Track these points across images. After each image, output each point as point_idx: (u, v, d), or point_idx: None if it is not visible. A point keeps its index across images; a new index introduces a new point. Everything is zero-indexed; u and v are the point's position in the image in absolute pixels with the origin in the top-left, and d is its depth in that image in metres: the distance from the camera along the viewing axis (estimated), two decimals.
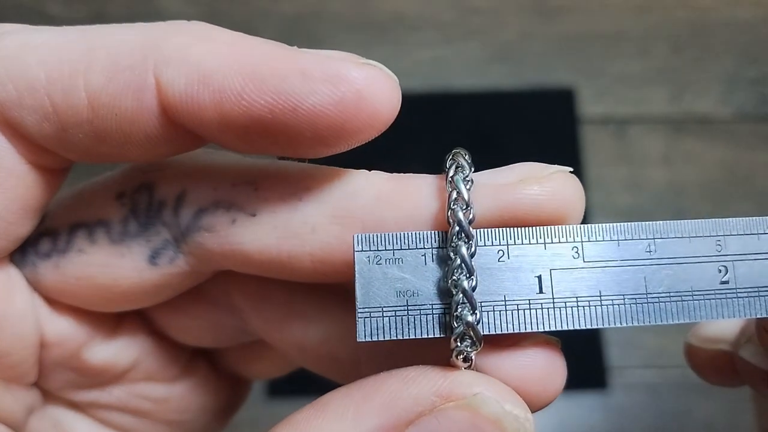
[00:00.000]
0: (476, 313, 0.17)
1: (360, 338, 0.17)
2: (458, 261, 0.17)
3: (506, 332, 0.17)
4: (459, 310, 0.17)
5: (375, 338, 0.17)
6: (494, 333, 0.17)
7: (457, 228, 0.17)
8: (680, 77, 0.70)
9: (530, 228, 0.18)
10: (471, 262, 0.17)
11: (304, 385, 0.27)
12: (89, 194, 0.20)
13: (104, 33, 0.17)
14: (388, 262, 0.17)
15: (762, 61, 0.71)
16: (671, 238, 0.18)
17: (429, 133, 0.68)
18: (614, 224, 0.18)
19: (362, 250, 0.17)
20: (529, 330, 0.17)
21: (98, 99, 0.16)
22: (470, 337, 0.17)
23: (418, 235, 0.17)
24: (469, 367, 0.17)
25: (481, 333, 0.17)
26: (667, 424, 0.61)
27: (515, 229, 0.18)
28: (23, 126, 0.17)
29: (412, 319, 0.17)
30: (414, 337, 0.17)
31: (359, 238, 0.17)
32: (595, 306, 0.17)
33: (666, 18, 0.73)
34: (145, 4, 0.72)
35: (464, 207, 0.17)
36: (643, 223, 0.18)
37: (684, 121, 0.69)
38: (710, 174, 0.67)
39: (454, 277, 0.17)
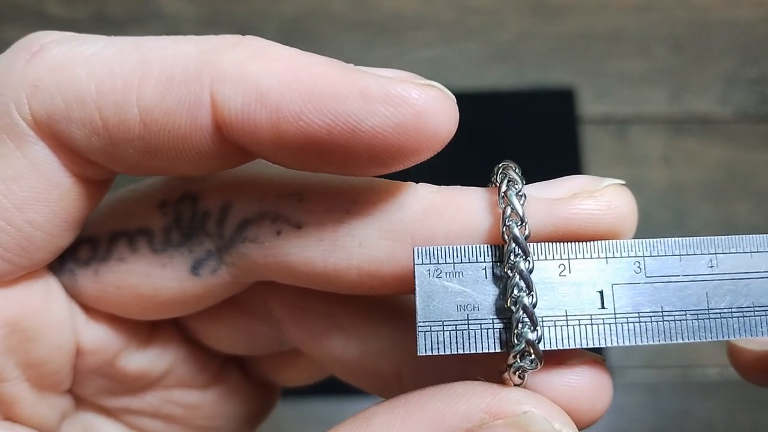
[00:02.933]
0: (537, 331, 0.17)
1: (420, 352, 0.17)
2: (517, 278, 0.17)
3: (568, 348, 0.17)
4: (520, 327, 0.17)
5: (435, 352, 0.17)
6: (556, 348, 0.17)
7: (513, 245, 0.17)
8: (680, 77, 0.71)
9: (592, 242, 0.18)
10: (530, 278, 0.17)
11: (313, 386, 0.27)
12: (131, 202, 0.20)
13: (157, 46, 0.16)
14: (448, 276, 0.17)
15: (762, 61, 0.71)
16: (733, 253, 0.18)
17: None
18: (676, 239, 0.18)
19: (422, 263, 0.17)
20: (591, 346, 0.17)
21: (151, 115, 0.16)
22: (530, 355, 0.17)
23: (477, 249, 0.17)
24: (520, 385, 0.17)
25: (541, 350, 0.17)
26: (667, 424, 0.61)
27: (576, 243, 0.17)
28: (71, 139, 0.17)
29: (473, 334, 0.17)
30: (474, 351, 0.17)
31: (419, 251, 0.17)
32: (657, 321, 0.17)
33: (666, 18, 0.73)
34: (144, 4, 0.72)
35: (519, 223, 0.17)
36: (705, 238, 0.18)
37: (684, 121, 0.69)
38: (710, 174, 0.67)
39: (513, 294, 0.17)
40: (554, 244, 0.17)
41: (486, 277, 0.17)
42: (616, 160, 0.68)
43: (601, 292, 0.17)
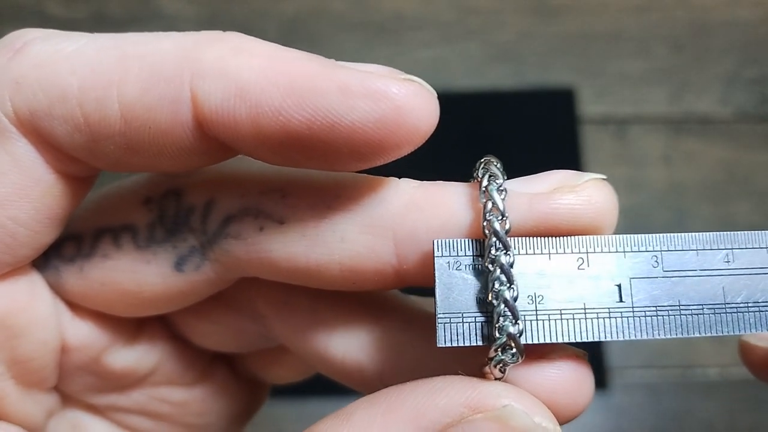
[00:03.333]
0: (519, 324, 0.17)
1: (440, 343, 0.17)
2: (498, 272, 0.17)
3: (587, 340, 0.17)
4: (501, 321, 0.17)
5: (455, 344, 0.17)
6: (575, 341, 0.17)
7: (494, 239, 0.17)
8: (680, 77, 0.71)
9: (610, 236, 0.18)
10: (511, 272, 0.17)
11: (307, 386, 0.27)
12: (115, 198, 0.20)
13: (138, 42, 0.17)
14: (467, 269, 0.17)
15: (762, 61, 0.71)
16: (749, 248, 0.18)
17: None
18: (694, 234, 0.18)
19: (442, 256, 0.17)
20: (609, 339, 0.17)
21: (132, 111, 0.16)
22: (512, 348, 0.17)
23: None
24: (501, 379, 0.17)
25: (523, 343, 0.17)
26: (667, 424, 0.61)
27: (595, 237, 0.18)
28: (53, 135, 0.17)
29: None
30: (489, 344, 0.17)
31: (439, 243, 0.17)
32: (674, 315, 0.17)
33: (666, 18, 0.73)
34: (144, 3, 0.72)
35: (500, 217, 0.17)
36: (722, 233, 0.18)
37: (684, 121, 0.69)
38: (710, 174, 0.67)
39: (495, 288, 0.17)
40: (573, 237, 0.18)
41: None
42: (616, 160, 0.68)
43: (619, 286, 0.17)
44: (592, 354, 0.17)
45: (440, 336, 0.17)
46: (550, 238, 0.18)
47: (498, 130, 0.69)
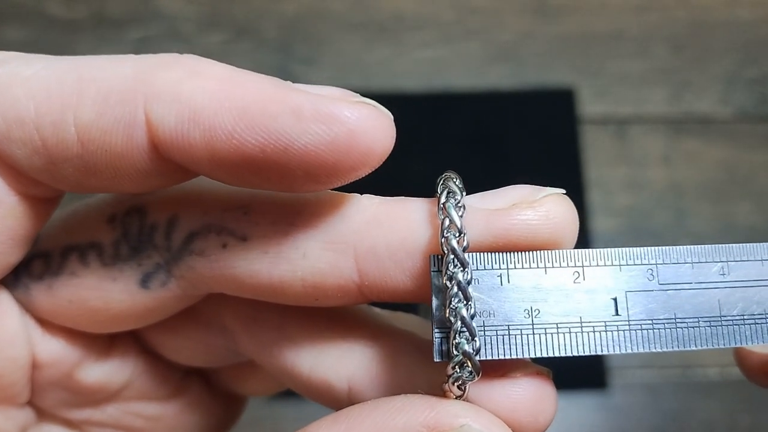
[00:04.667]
0: (475, 341, 0.17)
1: (437, 358, 0.17)
2: (455, 288, 0.17)
3: (584, 354, 0.17)
4: (458, 338, 0.17)
5: (448, 358, 0.17)
6: (571, 355, 0.17)
7: (451, 255, 0.17)
8: (680, 77, 0.70)
9: (605, 250, 0.18)
10: (468, 289, 0.17)
11: None
12: (81, 216, 0.20)
13: (95, 66, 0.16)
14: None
15: (762, 61, 0.71)
16: (744, 261, 0.18)
17: (429, 133, 0.68)
18: (688, 247, 0.18)
19: (438, 270, 0.17)
20: (605, 353, 0.17)
21: (88, 134, 0.16)
22: (468, 366, 0.17)
23: (492, 256, 0.17)
24: (461, 397, 0.17)
25: (480, 361, 0.17)
26: (667, 424, 0.61)
27: (591, 250, 0.18)
28: (12, 158, 0.17)
29: (489, 340, 0.17)
30: (489, 358, 0.17)
31: (434, 258, 0.17)
32: (670, 328, 0.17)
33: (666, 18, 0.73)
34: (144, 3, 0.72)
35: (457, 234, 0.17)
36: (717, 246, 0.18)
37: (684, 121, 0.69)
38: (710, 174, 0.67)
39: (452, 305, 0.17)
40: (568, 251, 0.18)
41: (501, 284, 0.17)
42: (616, 160, 0.68)
43: (615, 299, 0.17)
44: (592, 354, 0.17)
45: (436, 351, 0.17)
46: (545, 251, 0.18)
47: (498, 130, 0.69)
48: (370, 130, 0.16)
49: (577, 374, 0.58)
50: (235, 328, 0.21)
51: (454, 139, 0.68)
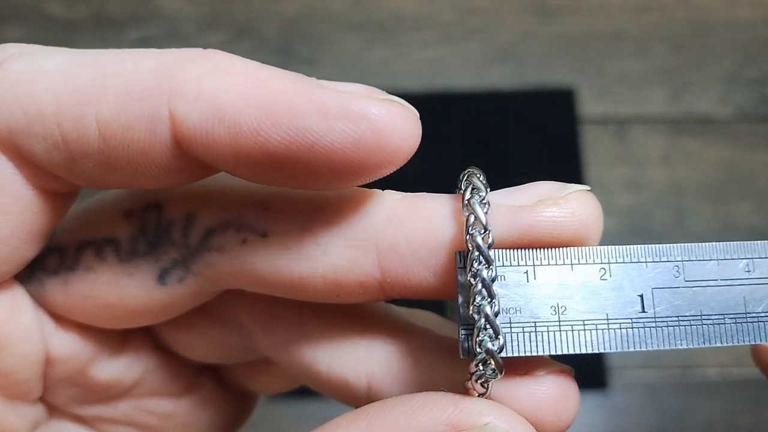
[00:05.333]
0: (499, 339, 0.17)
1: (463, 355, 0.17)
2: (479, 286, 0.17)
3: (610, 351, 0.17)
4: (481, 335, 0.17)
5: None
6: (598, 352, 0.17)
7: (476, 253, 0.17)
8: (680, 77, 0.70)
9: (632, 247, 0.18)
10: (492, 287, 0.17)
11: (306, 388, 0.27)
12: (98, 212, 0.20)
13: (117, 60, 0.16)
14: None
15: (762, 61, 0.71)
16: None
17: (428, 133, 0.67)
18: (714, 244, 0.18)
19: (462, 267, 0.17)
20: (632, 350, 0.17)
21: (109, 130, 0.16)
22: (491, 363, 0.17)
23: (519, 253, 0.17)
24: (484, 395, 0.17)
25: (504, 358, 0.17)
26: (667, 424, 0.61)
27: (617, 247, 0.18)
28: (31, 153, 0.16)
29: (515, 336, 0.17)
30: (515, 354, 0.17)
31: (460, 255, 0.17)
32: (696, 325, 0.17)
33: (666, 18, 0.73)
34: (144, 3, 0.72)
35: (482, 231, 0.17)
36: (742, 243, 0.18)
37: (684, 121, 0.69)
38: (710, 174, 0.67)
39: (476, 302, 0.17)
40: (595, 248, 0.18)
41: (527, 281, 0.17)
42: (616, 160, 0.68)
43: (642, 296, 0.17)
44: (592, 354, 0.17)
45: (463, 348, 0.17)
46: (572, 248, 0.17)
47: (498, 130, 0.69)
48: (397, 128, 0.16)
49: (577, 374, 0.58)
50: (252, 325, 0.21)
51: (454, 139, 0.68)
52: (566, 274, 0.17)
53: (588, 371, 0.61)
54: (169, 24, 0.71)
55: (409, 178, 0.19)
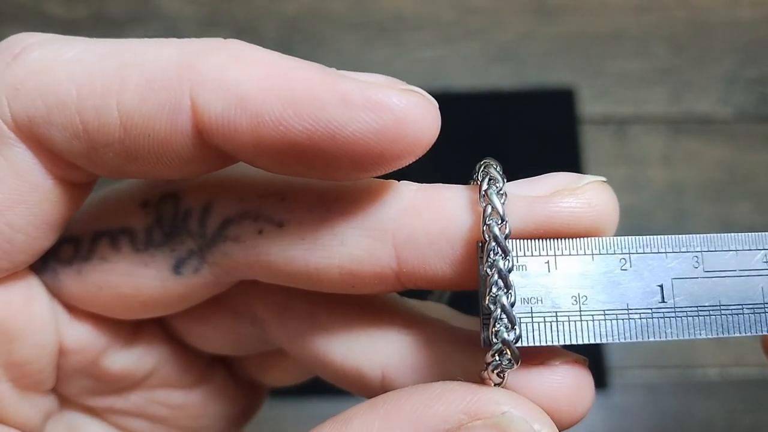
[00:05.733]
0: (515, 329, 0.17)
1: (483, 345, 0.17)
2: (496, 276, 0.17)
3: (630, 341, 0.17)
4: (497, 326, 0.17)
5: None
6: (619, 341, 0.17)
7: (493, 243, 0.17)
8: (680, 77, 0.70)
9: (652, 237, 0.18)
10: (509, 277, 0.17)
11: (307, 386, 0.27)
12: (113, 202, 0.20)
13: (138, 49, 0.16)
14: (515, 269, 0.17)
15: (762, 61, 0.71)
16: None
17: None
18: (733, 234, 0.18)
19: (482, 257, 0.17)
20: (652, 339, 0.17)
21: (131, 119, 0.16)
22: (507, 354, 0.17)
23: (540, 243, 0.17)
24: (500, 385, 0.17)
25: (520, 348, 0.17)
26: (667, 424, 0.61)
27: (638, 237, 0.18)
28: (51, 142, 0.16)
29: (537, 327, 0.17)
30: (537, 344, 0.17)
31: (481, 245, 0.17)
32: (715, 316, 0.17)
33: (666, 18, 0.73)
34: (144, 4, 0.72)
35: (499, 221, 0.17)
36: (761, 234, 0.18)
37: (684, 121, 0.69)
38: (710, 174, 0.67)
39: (492, 293, 0.17)
40: (616, 238, 0.18)
41: (548, 271, 0.17)
42: (615, 160, 0.68)
43: (662, 286, 0.17)
44: (592, 354, 0.17)
45: (485, 338, 0.17)
46: (593, 239, 0.17)
47: (498, 130, 0.69)
48: (418, 118, 0.16)
49: None
50: (266, 316, 0.21)
51: (454, 139, 0.68)
52: (587, 264, 0.17)
53: None
54: (169, 24, 0.71)
55: (408, 178, 0.19)
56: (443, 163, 0.58)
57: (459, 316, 0.21)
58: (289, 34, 0.72)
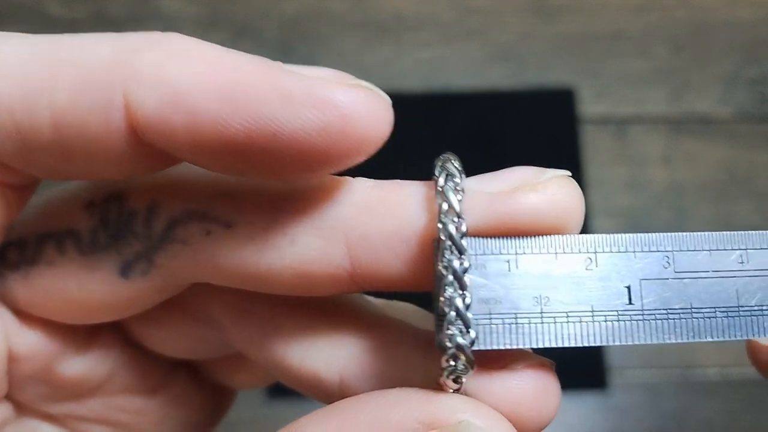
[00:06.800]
0: (470, 333, 0.16)
1: (439, 348, 0.16)
2: (450, 277, 0.16)
3: (595, 344, 0.16)
4: (451, 329, 0.16)
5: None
6: (582, 345, 0.16)
7: (448, 242, 0.16)
8: (680, 77, 0.70)
9: (619, 235, 0.16)
10: (464, 278, 0.16)
11: None
12: (58, 202, 0.19)
13: (74, 45, 0.15)
14: (470, 269, 0.16)
15: (762, 61, 0.71)
16: (764, 248, 0.17)
17: (428, 133, 0.68)
18: (706, 233, 0.17)
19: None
20: (617, 343, 0.16)
21: (63, 119, 0.15)
22: (462, 359, 0.16)
23: (501, 242, 0.16)
24: (458, 390, 0.16)
25: (481, 351, 0.16)
26: (667, 424, 0.61)
27: (603, 236, 0.16)
28: None
29: (495, 329, 0.16)
30: (494, 347, 0.16)
31: (438, 243, 0.16)
32: (686, 319, 0.16)
33: (666, 18, 0.73)
34: (144, 3, 0.72)
35: (455, 218, 0.16)
36: (736, 233, 0.17)
37: (684, 121, 0.69)
38: (710, 174, 0.67)
39: (447, 295, 0.16)
40: (581, 236, 0.16)
41: (509, 270, 0.16)
42: (616, 160, 0.68)
43: (629, 288, 0.16)
44: (592, 354, 0.17)
45: (440, 341, 0.16)
46: (557, 236, 0.16)
47: (498, 130, 0.69)
48: (365, 115, 0.15)
49: (577, 374, 0.58)
50: (223, 319, 0.20)
51: (454, 139, 0.68)
52: (550, 263, 0.16)
53: (588, 371, 0.61)
54: (169, 24, 0.71)
55: (409, 178, 0.19)
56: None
57: (428, 318, 0.20)
58: (289, 34, 0.72)
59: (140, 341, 0.21)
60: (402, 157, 0.64)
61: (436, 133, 0.68)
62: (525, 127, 0.68)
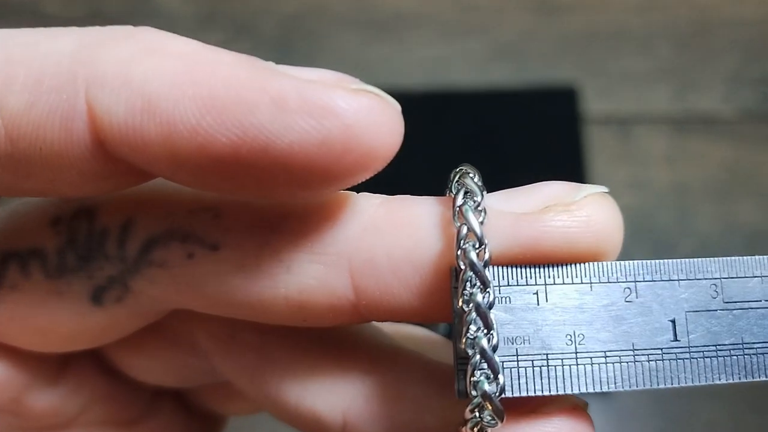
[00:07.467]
0: (499, 380, 0.14)
1: (458, 397, 0.14)
2: (474, 314, 0.14)
3: (637, 388, 0.14)
4: (477, 375, 0.14)
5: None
6: (622, 390, 0.14)
7: (470, 272, 0.14)
8: (684, 76, 0.70)
9: (662, 261, 0.15)
10: (490, 315, 0.14)
11: None
12: (21, 218, 0.17)
13: (29, 41, 0.13)
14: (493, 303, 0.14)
15: (766, 60, 0.71)
16: None
17: (429, 132, 0.67)
18: (758, 258, 0.15)
19: (456, 288, 0.14)
20: (662, 386, 0.14)
21: (18, 128, 0.13)
22: (488, 409, 0.14)
23: (528, 270, 0.14)
24: None
25: (505, 399, 0.14)
26: (670, 427, 0.61)
27: (645, 263, 0.15)
28: None
29: (524, 372, 0.14)
30: (524, 395, 0.14)
31: (455, 272, 0.14)
32: (737, 356, 0.15)
33: (669, 16, 0.72)
34: (143, 3, 0.72)
35: (477, 245, 0.14)
36: None
37: (687, 120, 0.69)
38: (714, 173, 0.67)
39: (470, 334, 0.14)
40: (620, 264, 0.15)
41: (538, 304, 0.14)
42: (619, 159, 0.68)
43: (674, 321, 0.15)
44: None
45: (460, 386, 0.14)
46: (591, 264, 0.14)
47: (499, 128, 0.68)
48: (372, 125, 0.13)
49: None
50: (209, 347, 0.18)
51: (456, 138, 0.68)
52: (585, 294, 0.14)
53: None
54: (167, 22, 0.71)
55: (408, 178, 0.18)
56: (444, 162, 0.58)
57: (445, 346, 0.18)
58: (288, 33, 0.71)
59: (119, 369, 0.19)
60: (401, 156, 0.64)
61: (437, 131, 0.68)
62: (527, 126, 0.68)
